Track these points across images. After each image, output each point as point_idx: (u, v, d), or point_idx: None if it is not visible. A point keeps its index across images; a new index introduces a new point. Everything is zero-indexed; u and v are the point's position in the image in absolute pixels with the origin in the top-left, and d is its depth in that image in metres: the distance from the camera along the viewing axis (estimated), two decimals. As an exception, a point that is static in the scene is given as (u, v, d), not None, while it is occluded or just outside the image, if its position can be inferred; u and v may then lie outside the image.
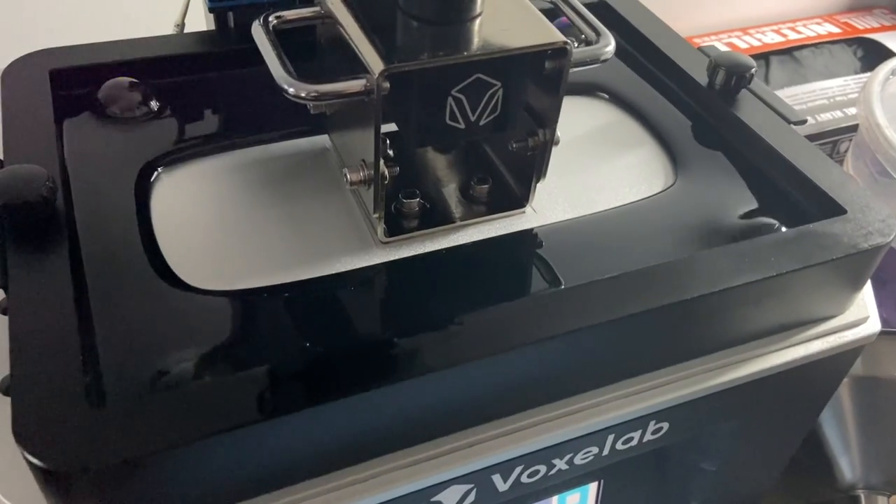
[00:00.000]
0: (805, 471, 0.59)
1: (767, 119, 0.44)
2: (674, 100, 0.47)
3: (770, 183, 0.42)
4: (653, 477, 0.47)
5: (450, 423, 0.34)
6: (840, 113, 0.81)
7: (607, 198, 0.41)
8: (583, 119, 0.46)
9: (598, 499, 0.46)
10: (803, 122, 0.44)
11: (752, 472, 0.49)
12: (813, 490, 0.61)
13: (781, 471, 0.51)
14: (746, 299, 0.36)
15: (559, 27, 0.34)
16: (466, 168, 0.41)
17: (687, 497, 0.49)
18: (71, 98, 0.42)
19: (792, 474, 0.54)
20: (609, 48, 0.37)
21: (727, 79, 0.45)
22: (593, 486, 0.45)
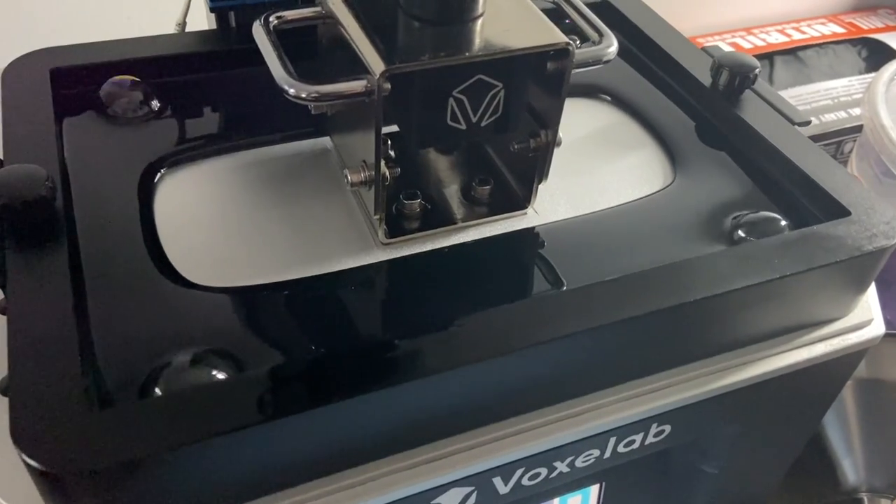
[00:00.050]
0: (808, 473, 0.59)
1: (771, 120, 0.44)
2: (677, 100, 0.47)
3: (773, 184, 0.42)
4: (655, 479, 0.47)
5: (450, 426, 0.33)
6: (844, 113, 0.80)
7: (609, 199, 0.41)
8: (584, 120, 0.46)
9: (600, 501, 0.46)
10: (807, 123, 0.44)
11: (755, 475, 0.49)
12: (816, 493, 0.60)
13: (784, 473, 0.51)
14: (749, 302, 0.36)
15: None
16: (468, 169, 0.41)
17: (689, 500, 0.48)
18: (72, 97, 0.42)
19: (795, 477, 0.53)
20: (611, 49, 0.36)
21: (731, 79, 0.45)
22: (595, 489, 0.45)
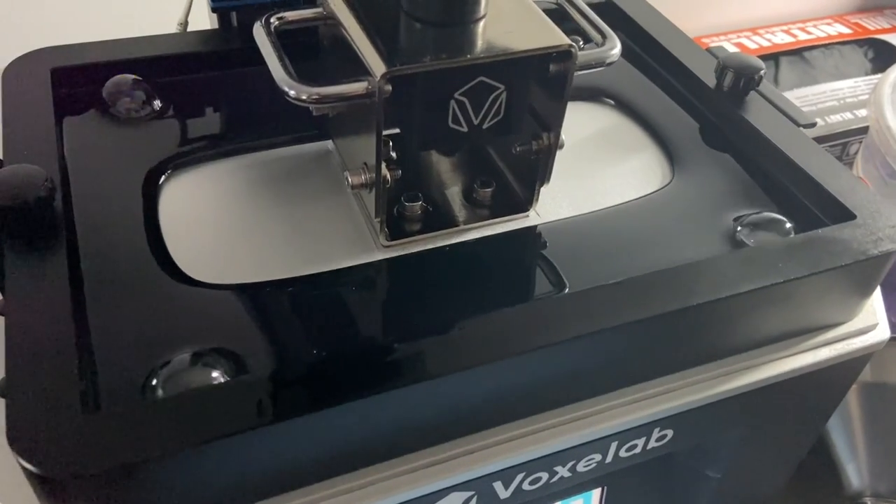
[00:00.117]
0: (812, 478, 0.59)
1: (776, 122, 0.43)
2: (681, 102, 0.47)
3: (778, 187, 0.41)
4: (657, 483, 0.47)
5: (450, 430, 0.33)
6: (850, 115, 0.80)
7: (613, 202, 0.40)
8: (587, 122, 0.46)
9: (602, 505, 0.45)
10: (812, 125, 0.44)
11: (758, 480, 0.49)
12: (819, 497, 0.60)
13: (788, 478, 0.51)
14: (753, 306, 0.35)
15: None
16: (470, 171, 0.41)
17: (692, 503, 0.48)
18: (72, 97, 0.42)
19: (798, 481, 0.53)
20: (615, 51, 0.36)
21: (735, 81, 0.45)
22: (596, 493, 0.44)
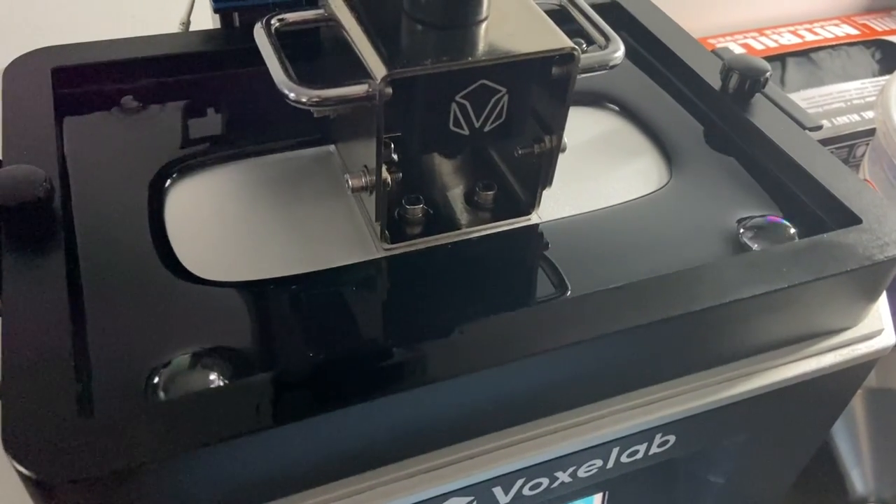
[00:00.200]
0: (816, 483, 0.59)
1: (781, 124, 0.43)
2: (685, 104, 0.47)
3: (783, 191, 0.41)
4: (659, 488, 0.46)
5: (450, 435, 0.33)
6: (857, 116, 0.80)
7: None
8: (590, 125, 0.46)
9: (603, 510, 0.45)
10: (819, 128, 0.43)
11: (762, 485, 0.48)
12: (824, 503, 0.60)
13: (792, 484, 0.50)
14: (757, 311, 0.35)
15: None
16: (471, 174, 0.41)
17: (694, 509, 0.48)
18: (73, 97, 0.42)
19: (802, 487, 0.53)
20: (618, 54, 0.36)
21: (741, 83, 0.44)
22: (597, 498, 0.44)
